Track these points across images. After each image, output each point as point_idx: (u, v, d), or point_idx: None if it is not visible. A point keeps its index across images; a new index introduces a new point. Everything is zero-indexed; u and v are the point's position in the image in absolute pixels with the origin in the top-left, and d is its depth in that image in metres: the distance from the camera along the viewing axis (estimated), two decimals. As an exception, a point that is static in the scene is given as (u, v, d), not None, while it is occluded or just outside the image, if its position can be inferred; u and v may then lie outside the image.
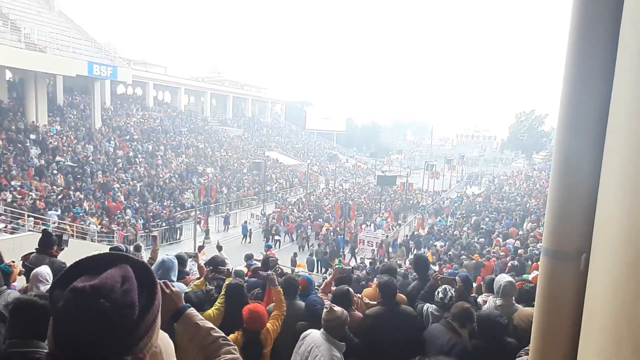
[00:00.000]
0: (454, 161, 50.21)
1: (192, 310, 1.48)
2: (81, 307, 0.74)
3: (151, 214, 21.68)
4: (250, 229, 23.59)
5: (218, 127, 45.09)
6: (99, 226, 18.39)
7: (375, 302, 3.90)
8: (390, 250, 20.03)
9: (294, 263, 17.25)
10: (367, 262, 16.00)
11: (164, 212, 22.41)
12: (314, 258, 18.77)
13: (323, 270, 18.13)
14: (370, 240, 20.40)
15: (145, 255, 6.53)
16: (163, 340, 0.96)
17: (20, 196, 17.45)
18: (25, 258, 4.93)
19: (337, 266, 6.71)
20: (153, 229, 20.35)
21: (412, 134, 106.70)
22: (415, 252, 19.38)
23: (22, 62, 21.87)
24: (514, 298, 3.98)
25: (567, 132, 1.35)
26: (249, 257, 8.05)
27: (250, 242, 22.40)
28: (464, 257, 14.26)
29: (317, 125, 64.25)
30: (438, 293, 3.72)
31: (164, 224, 21.20)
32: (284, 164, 42.65)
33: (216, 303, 3.69)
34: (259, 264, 6.48)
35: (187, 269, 5.61)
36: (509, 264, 10.64)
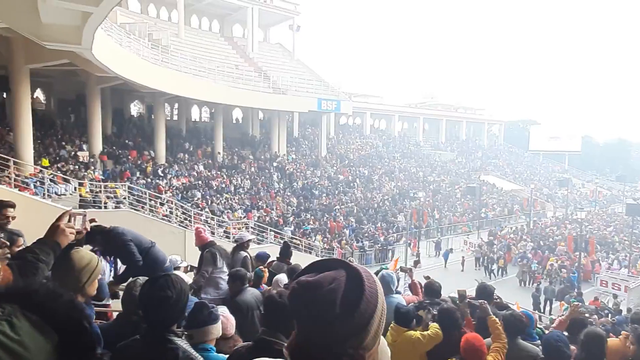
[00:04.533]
0: None
1: None
2: (299, 297, 0.91)
3: (366, 235, 23.04)
4: (463, 257, 22.34)
5: (430, 152, 45.02)
6: (322, 243, 20.57)
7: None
8: None
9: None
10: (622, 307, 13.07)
11: (377, 233, 23.45)
12: (541, 295, 16.42)
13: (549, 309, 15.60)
14: (616, 283, 16.57)
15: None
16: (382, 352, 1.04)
17: (265, 214, 21.19)
18: (268, 265, 5.97)
19: (575, 302, 5.61)
20: (368, 249, 21.55)
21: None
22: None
23: (270, 104, 27.01)
24: None
25: None
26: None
27: (462, 271, 21.22)
28: None
29: (543, 145, 56.81)
30: None
31: (376, 245, 22.16)
32: (502, 189, 39.19)
33: (432, 325, 3.57)
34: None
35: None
36: None
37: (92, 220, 1.86)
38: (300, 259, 15.17)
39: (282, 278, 4.67)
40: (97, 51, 11.77)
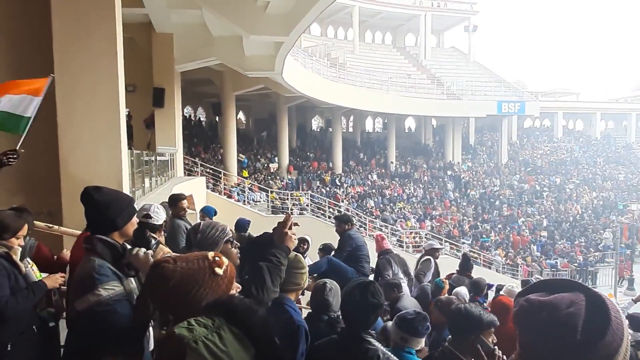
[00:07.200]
0: None
1: None
2: (530, 316, 0.86)
3: (559, 252, 20.08)
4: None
5: (647, 155, 36.69)
6: (504, 258, 18.74)
7: None
8: None
9: None
10: None
11: (574, 251, 20.19)
12: None
13: None
14: None
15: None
16: None
17: (438, 224, 20.46)
18: (448, 277, 5.81)
19: None
20: (562, 269, 18.73)
21: None
22: None
23: (444, 111, 26.12)
24: None
25: None
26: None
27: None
28: None
29: None
30: None
31: (573, 264, 19.08)
32: None
33: None
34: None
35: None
36: None
37: (295, 224, 2.13)
38: (479, 274, 14.10)
39: (462, 291, 4.57)
40: (286, 75, 13.31)
